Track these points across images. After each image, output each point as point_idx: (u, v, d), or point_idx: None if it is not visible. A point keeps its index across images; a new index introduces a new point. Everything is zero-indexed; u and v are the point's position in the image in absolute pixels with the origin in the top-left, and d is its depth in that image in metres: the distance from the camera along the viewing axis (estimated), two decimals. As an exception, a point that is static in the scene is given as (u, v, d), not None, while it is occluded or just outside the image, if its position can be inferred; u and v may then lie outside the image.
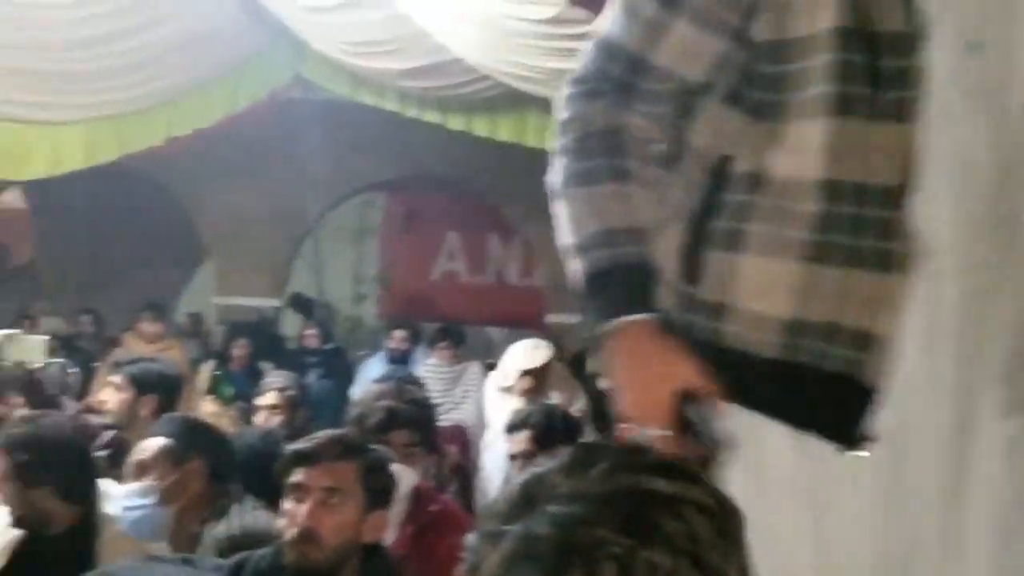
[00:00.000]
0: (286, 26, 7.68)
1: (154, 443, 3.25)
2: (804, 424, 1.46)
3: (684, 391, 1.40)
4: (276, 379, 5.35)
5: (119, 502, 3.15)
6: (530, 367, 6.35)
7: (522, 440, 3.86)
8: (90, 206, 12.36)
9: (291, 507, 2.42)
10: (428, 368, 7.53)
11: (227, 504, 3.17)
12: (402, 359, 8.21)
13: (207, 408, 6.20)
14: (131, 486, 3.17)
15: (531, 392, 6.27)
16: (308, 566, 2.37)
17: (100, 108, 8.07)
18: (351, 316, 13.49)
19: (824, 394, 1.45)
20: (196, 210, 11.61)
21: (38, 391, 5.22)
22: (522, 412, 4.10)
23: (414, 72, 7.47)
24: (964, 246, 1.46)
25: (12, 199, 13.09)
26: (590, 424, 5.55)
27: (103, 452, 4.18)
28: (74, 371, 7.96)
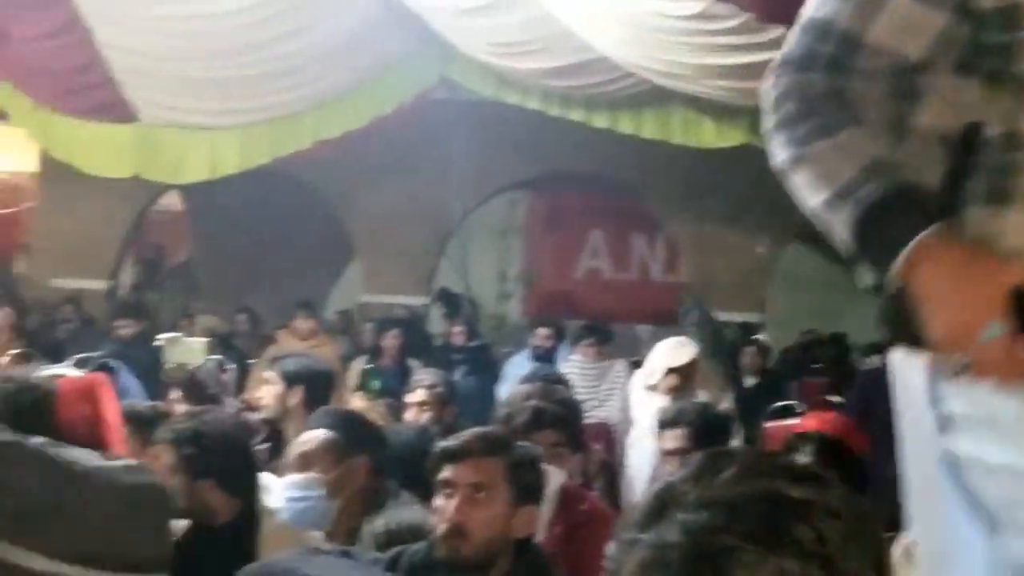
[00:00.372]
0: (432, 29, 7.78)
1: (317, 435, 3.31)
2: None
3: (1018, 287, 1.34)
4: (425, 376, 5.40)
5: (283, 492, 3.22)
6: (676, 365, 6.30)
7: (677, 437, 3.83)
8: (244, 208, 12.72)
9: (441, 503, 2.47)
10: (572, 365, 7.52)
11: (384, 499, 3.22)
12: (546, 357, 8.22)
13: (356, 404, 6.32)
14: (296, 477, 3.23)
15: (677, 390, 6.21)
16: (459, 560, 2.40)
17: (254, 113, 8.34)
18: (495, 314, 13.59)
19: None
20: (345, 210, 11.85)
21: (200, 389, 5.40)
22: (676, 409, 4.06)
23: (559, 71, 7.49)
24: None
25: (171, 202, 13.60)
26: (738, 422, 5.48)
27: (261, 446, 4.31)
28: (230, 368, 8.23)
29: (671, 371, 6.27)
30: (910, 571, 1.96)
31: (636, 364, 6.89)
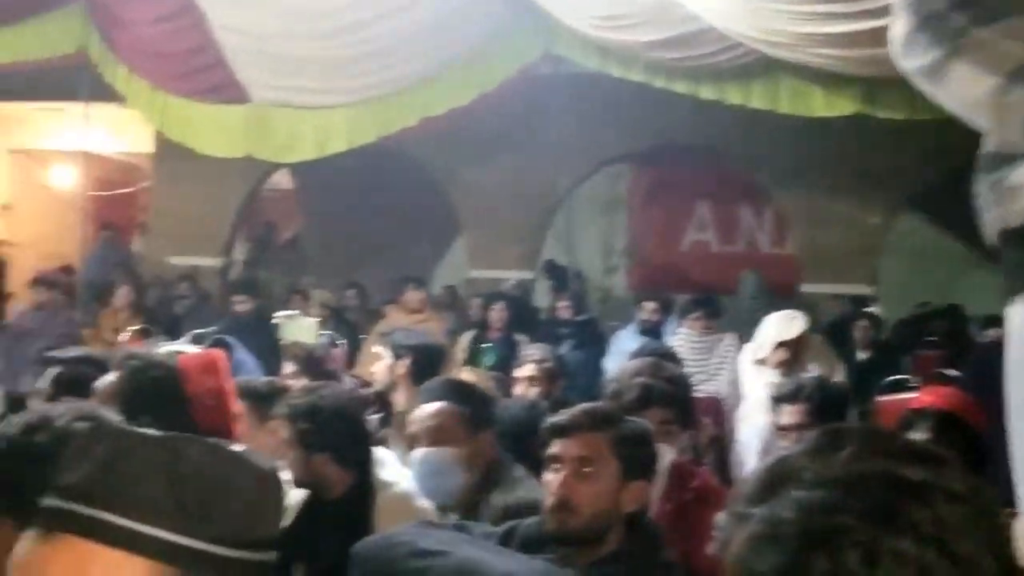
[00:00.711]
0: (536, 3, 7.76)
1: (444, 409, 3.32)
2: None
3: None
4: (534, 351, 5.43)
5: (416, 466, 3.26)
6: (785, 339, 6.24)
7: (796, 412, 3.78)
8: (352, 185, 12.90)
9: (549, 477, 2.49)
10: (680, 338, 7.48)
11: (501, 473, 3.24)
12: (654, 331, 8.18)
13: (465, 378, 6.38)
14: (430, 452, 3.25)
15: (786, 364, 6.16)
16: (567, 534, 2.42)
17: (361, 92, 8.43)
18: (601, 288, 13.58)
19: None
20: (450, 186, 11.93)
21: (316, 366, 5.54)
22: (795, 384, 4.01)
23: (664, 43, 7.40)
24: None
25: (281, 180, 13.86)
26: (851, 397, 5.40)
27: (371, 417, 4.38)
28: (342, 343, 8.36)
29: (781, 345, 6.22)
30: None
31: (746, 338, 6.83)
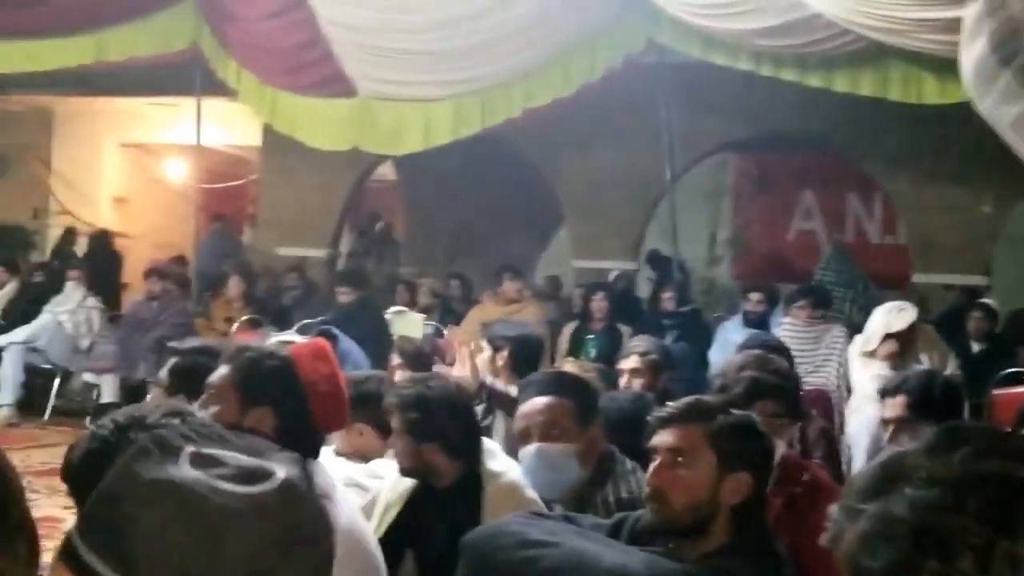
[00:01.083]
0: (639, -8, 7.73)
1: (553, 403, 3.34)
2: None
3: None
4: (639, 343, 5.42)
5: (531, 461, 3.28)
6: (895, 330, 6.14)
7: (897, 405, 3.71)
8: (455, 176, 13.01)
9: (650, 468, 2.52)
10: (786, 329, 7.38)
11: (611, 466, 3.25)
12: (759, 322, 8.08)
13: (567, 369, 6.39)
14: (547, 447, 3.27)
15: (896, 356, 6.06)
16: (663, 523, 2.42)
17: (465, 84, 8.48)
18: (705, 278, 13.48)
19: None
20: (553, 176, 11.94)
21: (424, 361, 5.63)
22: (899, 377, 3.94)
23: (770, 31, 7.30)
24: None
25: (385, 171, 14.03)
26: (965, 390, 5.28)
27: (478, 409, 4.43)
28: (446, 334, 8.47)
29: (889, 336, 6.12)
30: None
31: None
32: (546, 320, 9.33)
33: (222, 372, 2.62)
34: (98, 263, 12.32)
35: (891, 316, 6.21)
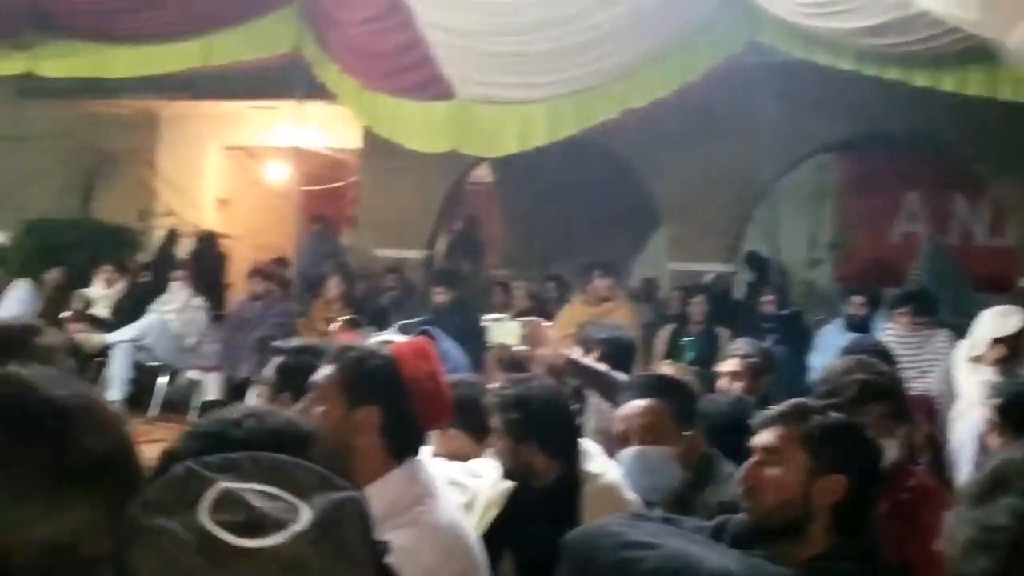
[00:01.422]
0: (740, -8, 7.65)
1: (652, 406, 3.32)
2: None
3: None
4: (740, 346, 5.37)
5: (630, 463, 3.28)
6: (1002, 335, 6.01)
7: (992, 410, 3.63)
8: (551, 177, 13.01)
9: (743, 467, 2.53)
10: (890, 334, 7.26)
11: (712, 469, 3.24)
12: (861, 326, 7.95)
13: (665, 372, 6.35)
14: (647, 450, 3.27)
15: (1004, 361, 5.92)
16: (756, 523, 2.42)
17: (562, 85, 8.47)
18: (805, 280, 13.27)
19: None
20: (650, 176, 11.87)
21: (520, 369, 5.64)
22: (1001, 384, 3.85)
23: (874, 30, 7.16)
24: None
25: (482, 173, 14.10)
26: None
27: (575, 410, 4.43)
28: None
29: (997, 341, 5.99)
30: None
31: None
32: (641, 323, 9.27)
33: (327, 371, 2.64)
34: (204, 263, 12.58)
35: (998, 321, 6.07)
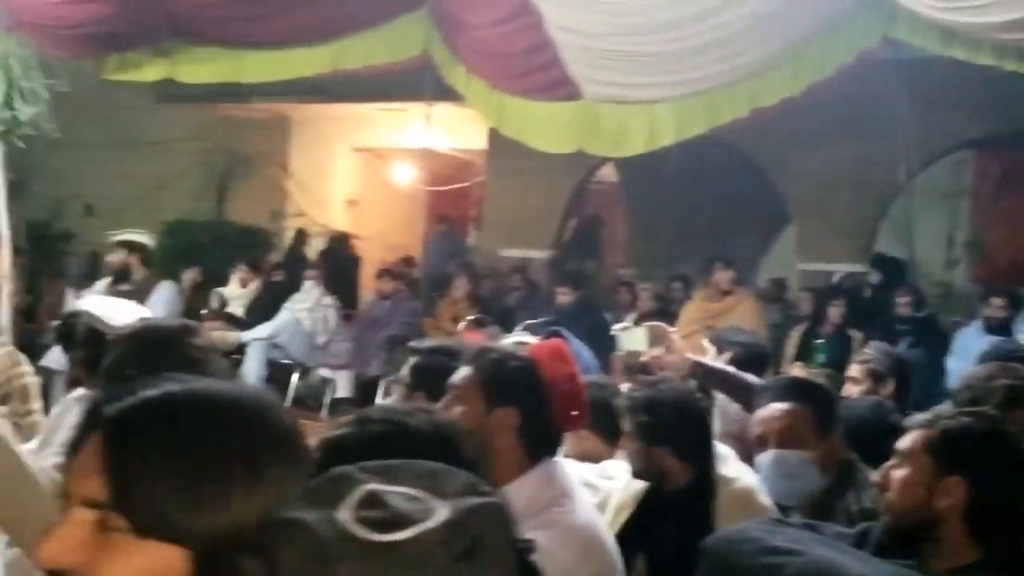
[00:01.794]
0: (873, -13, 7.48)
1: (791, 410, 3.28)
2: None
3: None
4: (868, 350, 5.25)
5: (769, 468, 3.25)
6: None
7: None
8: (676, 176, 12.90)
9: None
10: (1032, 337, 7.03)
11: (852, 475, 3.18)
12: (1001, 328, 7.72)
13: (796, 374, 6.26)
14: (785, 454, 3.23)
15: None
16: (890, 526, 2.41)
17: (690, 85, 8.40)
18: (941, 281, 12.90)
19: None
20: (779, 175, 11.70)
21: (647, 372, 5.63)
22: None
23: (1015, 24, 6.93)
24: None
25: (606, 173, 14.08)
26: None
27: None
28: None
29: None
30: None
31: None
32: (768, 323, 9.15)
33: (465, 373, 2.67)
34: (336, 263, 12.83)
35: None
